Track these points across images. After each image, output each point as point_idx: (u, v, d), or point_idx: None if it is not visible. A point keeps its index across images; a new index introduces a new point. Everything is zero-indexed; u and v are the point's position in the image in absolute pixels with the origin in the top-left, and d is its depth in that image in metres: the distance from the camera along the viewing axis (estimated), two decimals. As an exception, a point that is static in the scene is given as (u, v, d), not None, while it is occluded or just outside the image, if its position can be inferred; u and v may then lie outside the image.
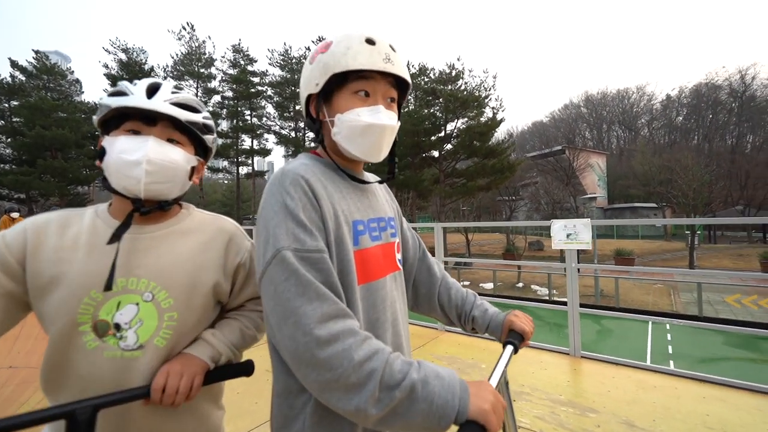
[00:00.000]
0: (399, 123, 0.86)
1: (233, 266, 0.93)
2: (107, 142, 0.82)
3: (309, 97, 0.83)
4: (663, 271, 8.83)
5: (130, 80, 0.89)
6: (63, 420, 0.67)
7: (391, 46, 0.80)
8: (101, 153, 0.82)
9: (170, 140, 0.85)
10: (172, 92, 0.86)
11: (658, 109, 65.61)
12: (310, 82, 0.80)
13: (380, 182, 0.98)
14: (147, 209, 0.84)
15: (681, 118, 61.87)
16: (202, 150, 0.94)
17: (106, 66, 28.02)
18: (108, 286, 0.77)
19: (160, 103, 0.81)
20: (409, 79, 0.84)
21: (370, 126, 0.77)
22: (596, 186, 40.26)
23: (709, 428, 2.08)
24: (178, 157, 0.85)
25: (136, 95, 0.82)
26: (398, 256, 0.91)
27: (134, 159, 0.79)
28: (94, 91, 37.34)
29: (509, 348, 0.89)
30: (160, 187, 0.83)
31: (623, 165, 49.01)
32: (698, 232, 23.69)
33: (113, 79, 27.67)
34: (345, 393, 0.61)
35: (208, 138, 0.92)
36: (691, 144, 53.47)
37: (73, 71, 30.48)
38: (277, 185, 0.73)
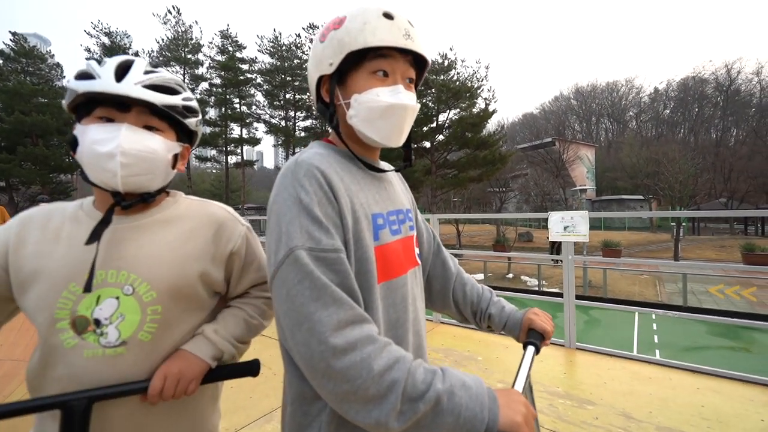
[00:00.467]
0: (419, 105, 0.79)
1: (224, 254, 0.86)
2: (79, 130, 0.74)
3: (320, 79, 0.75)
4: (650, 263, 9.00)
5: None
6: (58, 410, 0.66)
7: (409, 22, 0.73)
8: (73, 143, 0.74)
9: (147, 127, 0.77)
10: (146, 72, 0.76)
11: (646, 102, 66.44)
12: (322, 62, 0.73)
13: (397, 170, 0.91)
14: (128, 203, 0.77)
15: (668, 111, 62.78)
16: (185, 134, 0.86)
17: (88, 50, 27.13)
18: (87, 288, 0.71)
19: (131, 87, 0.73)
20: (429, 58, 0.78)
21: (391, 106, 0.71)
22: (585, 178, 40.72)
23: (705, 419, 2.09)
24: (157, 145, 0.77)
25: (103, 78, 0.72)
26: (416, 250, 0.86)
27: (107, 150, 0.71)
28: (76, 76, 36.07)
29: (530, 349, 0.83)
30: (140, 179, 0.75)
31: (611, 157, 49.65)
32: (683, 223, 24.20)
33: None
34: (364, 405, 0.56)
35: (191, 121, 0.84)
36: (677, 137, 54.36)
37: (53, 55, 29.41)
38: (290, 177, 0.66)
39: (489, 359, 3.01)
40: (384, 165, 0.87)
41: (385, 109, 0.70)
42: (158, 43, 28.85)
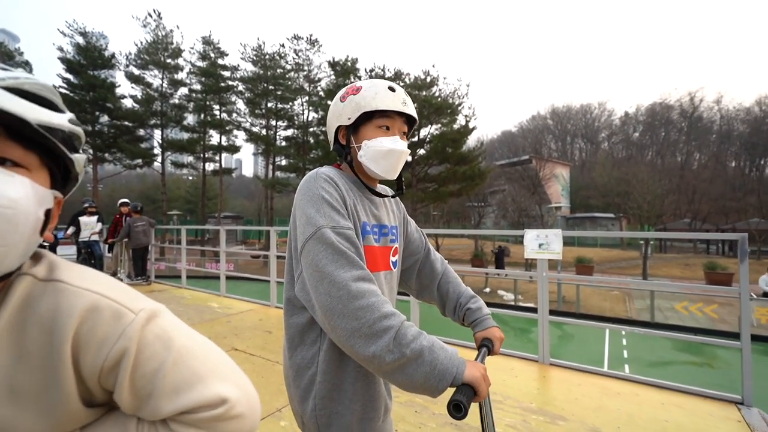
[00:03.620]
0: (409, 150, 1.07)
1: (93, 374, 0.48)
2: None
3: (338, 128, 1.02)
4: (621, 281, 9.33)
5: (89, 67, 0.53)
6: None
7: (406, 93, 1.04)
8: None
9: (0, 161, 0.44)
10: (2, 69, 0.47)
11: (617, 124, 69.50)
12: (342, 116, 0.99)
13: (392, 197, 1.15)
14: None
15: (637, 134, 65.86)
16: (60, 178, 0.53)
17: (61, 49, 26.21)
18: None
19: None
20: (417, 119, 1.06)
21: (391, 151, 0.98)
22: (560, 195, 42.03)
23: (669, 434, 2.17)
24: (17, 192, 0.43)
25: None
26: (393, 259, 1.07)
27: None
28: (47, 75, 34.78)
29: (484, 350, 1.04)
30: None
31: (585, 176, 51.54)
32: (651, 242, 25.24)
33: (69, 64, 25.95)
34: (366, 341, 0.75)
35: (79, 158, 0.53)
36: (645, 159, 57.05)
37: (22, 52, 28.30)
38: (312, 182, 0.91)
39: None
40: (382, 189, 1.11)
41: (387, 152, 0.97)
42: (136, 45, 28.23)
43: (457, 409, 0.73)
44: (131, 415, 0.50)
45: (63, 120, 0.49)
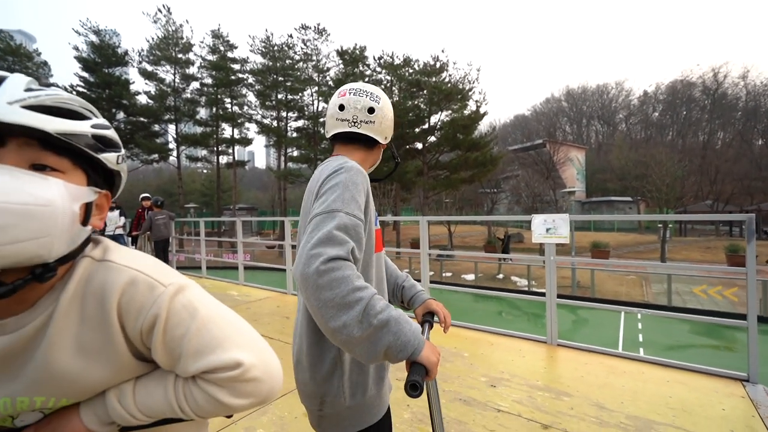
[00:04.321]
0: None
1: (136, 336, 0.59)
2: None
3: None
4: (636, 264, 9.22)
5: (104, 64, 0.61)
6: None
7: None
8: None
9: (37, 167, 0.52)
10: (27, 90, 0.53)
11: (635, 104, 67.36)
12: (388, 130, 1.20)
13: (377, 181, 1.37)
14: (8, 288, 0.51)
15: (657, 114, 63.73)
16: (101, 176, 0.62)
17: (77, 48, 26.81)
18: None
19: (5, 108, 0.50)
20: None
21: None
22: (575, 180, 41.27)
23: (671, 408, 2.24)
24: (51, 193, 0.51)
25: None
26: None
27: None
28: (65, 75, 35.60)
29: (426, 325, 1.13)
30: (24, 248, 0.49)
31: (601, 159, 50.34)
32: (670, 225, 24.69)
33: (84, 62, 26.53)
34: (337, 311, 0.79)
35: (108, 157, 0.60)
36: (666, 139, 55.26)
37: (40, 53, 29.01)
38: (347, 172, 0.99)
39: (475, 355, 3.14)
40: None
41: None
42: (148, 42, 28.62)
43: (413, 388, 0.79)
44: (170, 371, 0.62)
45: (85, 126, 0.56)
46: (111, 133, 0.62)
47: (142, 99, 28.98)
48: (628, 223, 33.34)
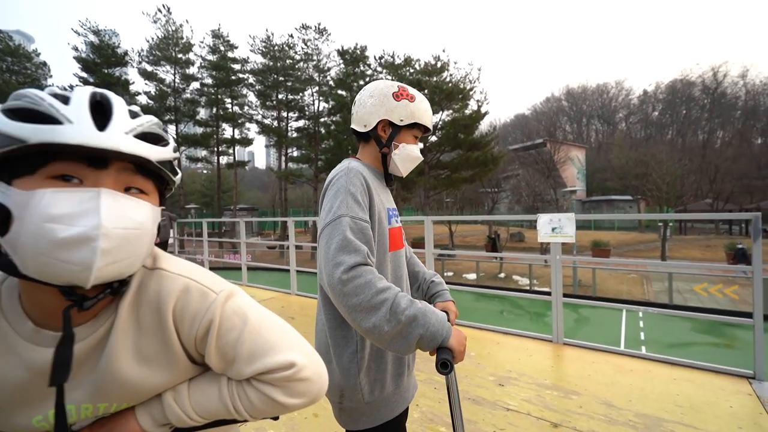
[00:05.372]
0: None
1: (190, 342, 0.60)
2: (15, 198, 0.47)
3: (381, 120, 1.12)
4: (637, 263, 9.22)
5: (103, 65, 0.59)
6: None
7: None
8: (2, 218, 0.47)
9: (128, 189, 0.54)
10: (132, 116, 0.54)
11: (635, 103, 67.43)
12: (394, 114, 1.11)
13: (391, 189, 1.30)
14: (92, 301, 0.53)
15: (657, 113, 63.81)
16: (163, 194, 0.64)
17: (76, 48, 26.78)
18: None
19: (121, 138, 0.50)
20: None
21: (418, 158, 1.18)
22: (575, 179, 41.27)
23: (678, 406, 2.26)
24: (144, 216, 0.53)
25: (77, 124, 0.47)
26: (404, 236, 1.24)
27: (78, 233, 0.46)
28: (64, 75, 35.58)
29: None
30: (117, 268, 0.51)
31: (601, 158, 50.35)
32: (670, 224, 24.72)
33: (84, 63, 26.51)
34: (366, 314, 0.86)
35: (178, 179, 0.63)
36: (665, 138, 55.32)
37: (39, 53, 28.98)
38: (344, 176, 1.02)
39: (481, 355, 3.15)
40: None
41: (415, 158, 1.17)
42: (148, 42, 28.59)
43: (444, 366, 0.87)
44: (222, 374, 0.64)
45: (170, 152, 0.58)
46: (179, 155, 0.70)
47: (142, 99, 28.96)
48: (628, 221, 33.34)
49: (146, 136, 0.54)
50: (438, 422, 2.17)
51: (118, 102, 0.54)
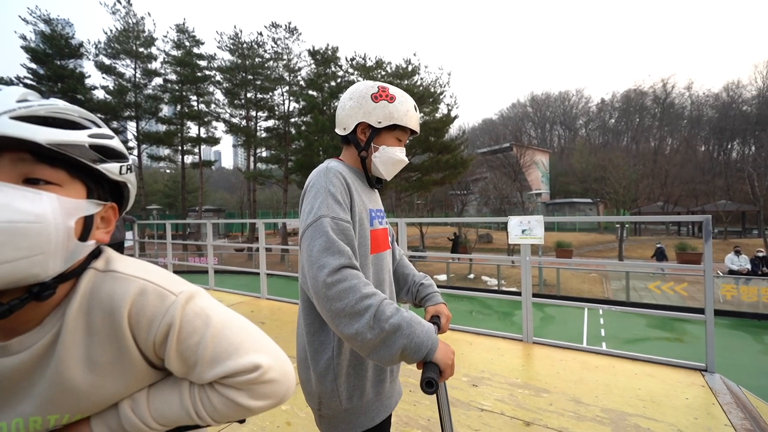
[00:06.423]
0: None
1: (149, 347, 0.57)
2: None
3: (360, 123, 1.08)
4: (598, 263, 9.70)
5: (55, 56, 0.55)
6: None
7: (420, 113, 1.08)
8: None
9: (30, 180, 0.49)
10: (21, 101, 0.50)
11: (594, 111, 70.98)
12: (372, 116, 1.07)
13: (379, 189, 1.27)
14: (4, 309, 0.48)
15: (613, 121, 67.47)
16: (104, 187, 0.58)
17: (24, 38, 24.88)
18: None
19: None
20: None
21: (400, 161, 1.13)
22: (540, 182, 42.93)
23: (641, 400, 2.38)
24: (41, 208, 0.48)
25: None
26: (389, 239, 1.22)
27: None
28: (11, 66, 32.93)
29: (435, 326, 1.15)
30: (16, 268, 0.46)
31: (563, 163, 52.71)
32: (626, 225, 26.21)
33: (33, 53, 24.68)
34: (349, 320, 0.83)
35: (109, 167, 0.56)
36: (621, 145, 58.64)
37: (-19, 41, 26.70)
38: (323, 176, 0.99)
39: (455, 355, 3.18)
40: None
41: (397, 161, 1.12)
42: (106, 34, 27.01)
43: (429, 386, 0.81)
44: (184, 378, 0.60)
45: (81, 136, 0.52)
46: (113, 143, 0.58)
47: (99, 94, 27.33)
48: (588, 223, 35.08)
49: (38, 119, 0.49)
50: (413, 425, 2.17)
51: (7, 90, 0.51)
